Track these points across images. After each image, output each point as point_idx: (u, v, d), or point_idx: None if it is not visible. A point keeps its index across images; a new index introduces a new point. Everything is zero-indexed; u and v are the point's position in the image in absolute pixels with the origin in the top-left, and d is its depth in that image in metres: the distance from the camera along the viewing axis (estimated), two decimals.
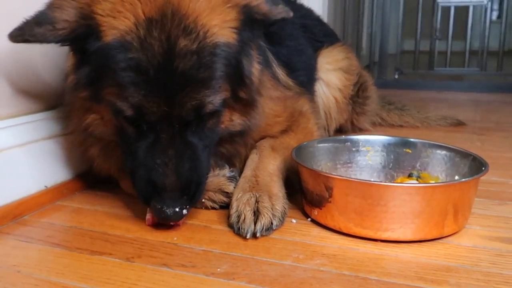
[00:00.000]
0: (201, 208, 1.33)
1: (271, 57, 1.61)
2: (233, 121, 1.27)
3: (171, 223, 1.18)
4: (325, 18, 3.78)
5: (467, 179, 1.19)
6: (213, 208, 1.32)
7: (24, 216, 1.29)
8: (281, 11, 1.19)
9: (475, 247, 1.11)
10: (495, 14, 6.57)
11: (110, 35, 1.06)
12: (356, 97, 2.20)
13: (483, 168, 1.20)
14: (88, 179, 1.49)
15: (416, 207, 1.10)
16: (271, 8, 1.18)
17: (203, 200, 1.32)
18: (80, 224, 1.24)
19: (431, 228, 1.13)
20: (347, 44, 2.42)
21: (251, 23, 1.18)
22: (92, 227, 1.22)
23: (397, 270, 1.00)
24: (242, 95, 1.22)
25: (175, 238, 1.15)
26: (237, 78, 1.18)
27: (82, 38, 1.08)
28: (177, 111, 1.08)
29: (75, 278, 0.97)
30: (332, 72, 2.09)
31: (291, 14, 1.22)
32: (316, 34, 2.14)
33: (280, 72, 1.64)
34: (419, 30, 4.38)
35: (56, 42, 1.10)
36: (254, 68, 1.25)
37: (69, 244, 1.13)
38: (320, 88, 2.06)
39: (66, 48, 1.19)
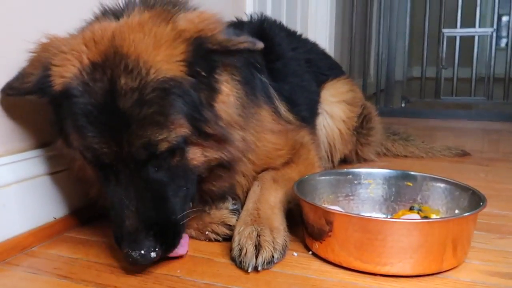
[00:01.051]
0: (205, 240, 1.35)
1: (273, 92, 1.65)
2: (207, 157, 1.21)
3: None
4: (332, 48, 3.86)
5: (465, 214, 1.21)
6: (216, 240, 1.35)
7: (33, 247, 1.32)
8: (243, 41, 1.14)
9: (474, 282, 1.12)
10: (504, 41, 6.54)
11: (58, 84, 1.12)
12: (361, 128, 2.23)
13: (481, 203, 1.22)
14: (95, 210, 1.52)
15: (415, 242, 1.12)
16: (229, 37, 1.14)
17: (206, 233, 1.35)
18: (87, 256, 1.27)
19: (429, 263, 1.14)
20: (351, 77, 2.46)
21: (208, 54, 1.14)
22: (98, 259, 1.25)
23: None
24: (208, 131, 1.16)
25: (178, 271, 1.17)
26: (195, 113, 1.13)
27: (44, 89, 1.15)
28: (127, 151, 1.07)
29: None
30: (336, 104, 2.13)
31: (260, 45, 1.16)
32: (321, 67, 2.19)
33: (282, 107, 1.68)
34: (425, 59, 4.43)
35: (27, 94, 1.19)
36: (221, 102, 1.20)
37: (75, 276, 1.16)
38: (325, 120, 2.10)
39: None
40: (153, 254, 1.09)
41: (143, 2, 1.24)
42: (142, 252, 1.07)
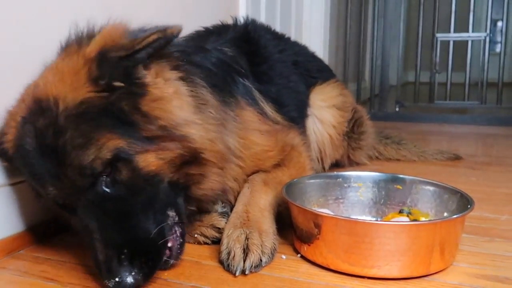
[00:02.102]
0: (194, 243, 1.35)
1: (257, 96, 1.65)
2: (164, 159, 1.14)
3: None
4: (326, 53, 3.87)
5: (452, 217, 1.22)
6: (206, 243, 1.35)
7: (20, 250, 1.32)
8: (150, 34, 1.10)
9: (461, 285, 1.12)
10: (498, 47, 6.54)
11: (10, 148, 1.16)
12: (351, 132, 2.23)
13: (469, 206, 1.23)
14: None
15: (402, 245, 1.12)
16: (134, 38, 1.11)
17: (195, 235, 1.35)
18: (74, 259, 1.27)
19: (417, 266, 1.14)
20: (346, 82, 2.47)
21: (117, 63, 1.09)
22: (85, 261, 1.24)
23: None
24: (146, 134, 1.11)
25: (165, 274, 1.17)
26: (121, 122, 1.09)
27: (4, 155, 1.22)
28: (69, 185, 1.06)
29: None
30: (325, 109, 2.12)
31: (173, 30, 1.12)
32: (310, 70, 2.18)
33: (268, 109, 1.67)
34: (419, 63, 4.45)
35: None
36: (152, 102, 1.13)
37: (61, 279, 1.16)
38: (314, 125, 2.10)
39: None
40: (129, 279, 1.03)
41: (62, 47, 1.23)
42: (117, 280, 1.02)
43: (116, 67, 1.10)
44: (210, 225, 1.36)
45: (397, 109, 4.46)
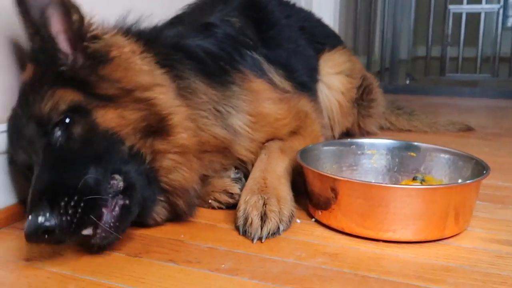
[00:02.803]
0: (208, 208, 1.36)
1: (266, 67, 1.65)
2: (127, 119, 1.13)
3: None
4: (336, 26, 3.82)
5: (468, 181, 1.22)
6: (220, 208, 1.36)
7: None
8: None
9: (475, 249, 1.13)
10: (510, 21, 6.41)
11: None
12: (361, 100, 2.22)
13: (484, 172, 1.22)
14: None
15: (417, 209, 1.12)
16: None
17: (209, 201, 1.36)
18: None
19: (432, 230, 1.15)
20: (356, 54, 2.44)
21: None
22: None
23: (397, 269, 1.02)
24: (103, 92, 1.12)
25: (182, 236, 1.18)
26: (77, 80, 1.13)
27: None
28: (30, 141, 1.10)
29: (85, 271, 1.01)
30: (334, 76, 2.10)
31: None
32: (317, 35, 2.15)
33: (278, 78, 1.67)
34: (430, 36, 4.39)
35: None
36: (113, 67, 1.16)
37: None
38: (323, 92, 2.08)
39: None
40: (40, 219, 0.95)
41: None
42: (30, 217, 0.97)
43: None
44: (223, 191, 1.36)
45: (407, 82, 4.42)
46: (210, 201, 1.36)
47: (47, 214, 0.96)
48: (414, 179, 1.44)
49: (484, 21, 4.29)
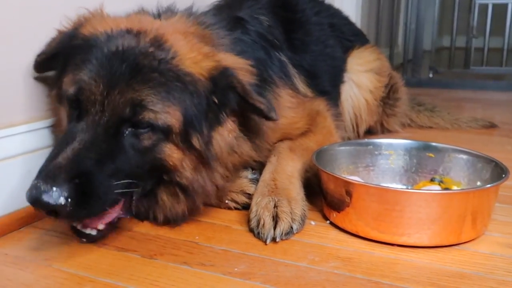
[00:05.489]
0: (225, 208, 1.37)
1: (291, 71, 1.64)
2: (184, 168, 1.17)
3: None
4: (358, 16, 3.77)
5: (485, 186, 1.20)
6: (236, 208, 1.37)
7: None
8: (261, 103, 1.23)
9: (492, 255, 1.11)
10: None
11: (85, 34, 1.20)
12: (387, 98, 2.20)
13: (504, 175, 1.20)
14: None
15: (433, 214, 1.11)
16: (252, 91, 1.22)
17: (226, 201, 1.37)
18: None
19: (447, 234, 1.14)
20: (378, 46, 2.41)
21: (229, 89, 1.21)
22: (119, 224, 1.27)
23: (410, 275, 1.02)
24: (195, 143, 1.16)
25: (196, 237, 1.20)
26: (194, 117, 1.16)
27: (65, 42, 1.24)
28: (113, 99, 1.08)
29: (101, 273, 1.03)
30: (363, 74, 2.09)
31: (272, 116, 1.25)
32: (345, 33, 2.14)
33: (301, 84, 1.66)
34: (455, 27, 4.29)
35: (52, 52, 1.27)
36: (218, 134, 1.22)
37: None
38: (351, 90, 2.07)
39: None
40: (56, 195, 0.96)
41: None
42: (37, 182, 0.97)
43: (225, 91, 1.21)
44: (240, 191, 1.37)
45: (430, 75, 4.34)
46: (227, 201, 1.37)
47: (62, 196, 0.97)
48: (432, 180, 1.43)
49: (511, 11, 4.17)
